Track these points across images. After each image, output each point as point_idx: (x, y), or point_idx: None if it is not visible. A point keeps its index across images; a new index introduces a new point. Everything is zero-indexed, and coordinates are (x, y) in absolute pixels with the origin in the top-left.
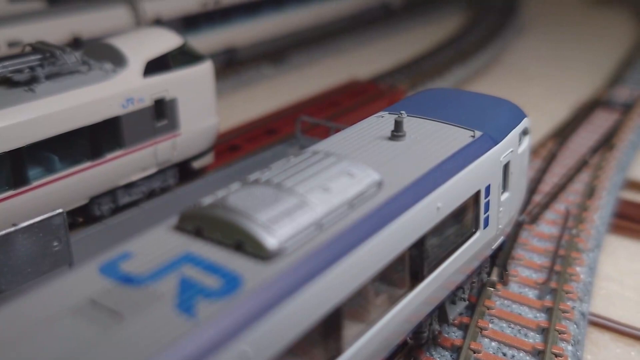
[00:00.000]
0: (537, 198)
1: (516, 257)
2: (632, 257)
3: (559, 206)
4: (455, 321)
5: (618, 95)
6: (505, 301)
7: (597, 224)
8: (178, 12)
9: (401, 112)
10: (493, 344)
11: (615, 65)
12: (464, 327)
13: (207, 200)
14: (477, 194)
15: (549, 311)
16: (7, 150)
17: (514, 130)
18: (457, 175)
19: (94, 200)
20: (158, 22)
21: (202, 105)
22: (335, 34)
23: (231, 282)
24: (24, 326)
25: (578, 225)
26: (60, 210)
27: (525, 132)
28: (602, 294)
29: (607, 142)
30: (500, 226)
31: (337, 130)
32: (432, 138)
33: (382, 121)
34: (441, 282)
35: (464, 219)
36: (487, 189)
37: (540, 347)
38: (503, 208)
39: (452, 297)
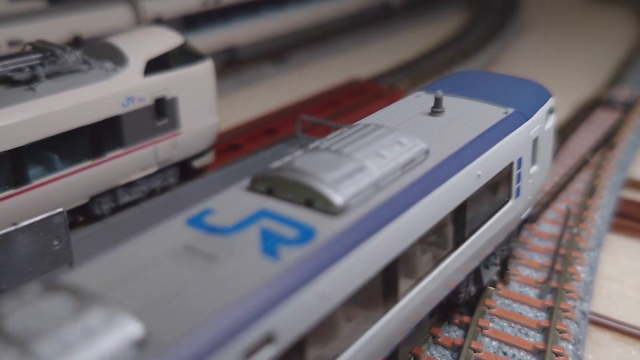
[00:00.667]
0: (538, 197)
1: (517, 256)
2: (633, 256)
3: (560, 205)
4: (456, 320)
5: (618, 94)
6: (506, 300)
7: (598, 223)
8: (178, 11)
9: (438, 91)
10: (494, 343)
11: (615, 65)
12: (465, 326)
13: (276, 164)
14: (511, 165)
15: (549, 310)
16: (7, 149)
17: (541, 108)
18: (494, 147)
19: (95, 199)
20: (158, 21)
21: (203, 104)
22: (335, 34)
23: (306, 233)
24: (133, 266)
25: (579, 224)
26: (60, 210)
27: (551, 111)
28: (603, 293)
29: (607, 142)
30: (529, 197)
31: (338, 129)
32: (468, 114)
33: (420, 100)
34: (479, 246)
35: (499, 188)
36: (519, 161)
37: (540, 347)
38: (532, 180)
39: (486, 262)
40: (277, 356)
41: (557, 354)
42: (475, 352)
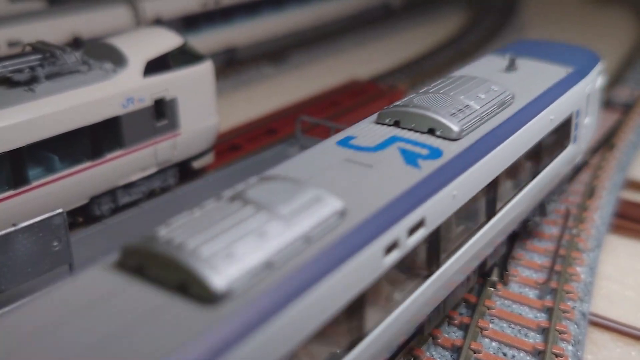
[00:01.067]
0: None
1: (516, 257)
2: (633, 256)
3: (560, 206)
4: (456, 321)
5: (618, 95)
6: (506, 301)
7: (598, 223)
8: (178, 12)
9: (507, 53)
10: (493, 344)
11: (615, 65)
12: (464, 327)
13: (398, 102)
14: (571, 115)
15: (549, 311)
16: (7, 150)
17: (594, 69)
18: (560, 97)
19: (94, 200)
20: (158, 22)
21: (202, 105)
22: (335, 34)
23: (435, 152)
24: (314, 168)
25: (578, 225)
26: (60, 210)
27: (600, 72)
28: (603, 293)
29: (607, 142)
30: (581, 145)
31: (338, 130)
32: (537, 71)
33: (492, 61)
34: (548, 179)
35: (562, 133)
36: (577, 112)
37: (540, 347)
38: (584, 131)
39: (548, 198)
40: (425, 236)
41: (556, 355)
42: (475, 353)
